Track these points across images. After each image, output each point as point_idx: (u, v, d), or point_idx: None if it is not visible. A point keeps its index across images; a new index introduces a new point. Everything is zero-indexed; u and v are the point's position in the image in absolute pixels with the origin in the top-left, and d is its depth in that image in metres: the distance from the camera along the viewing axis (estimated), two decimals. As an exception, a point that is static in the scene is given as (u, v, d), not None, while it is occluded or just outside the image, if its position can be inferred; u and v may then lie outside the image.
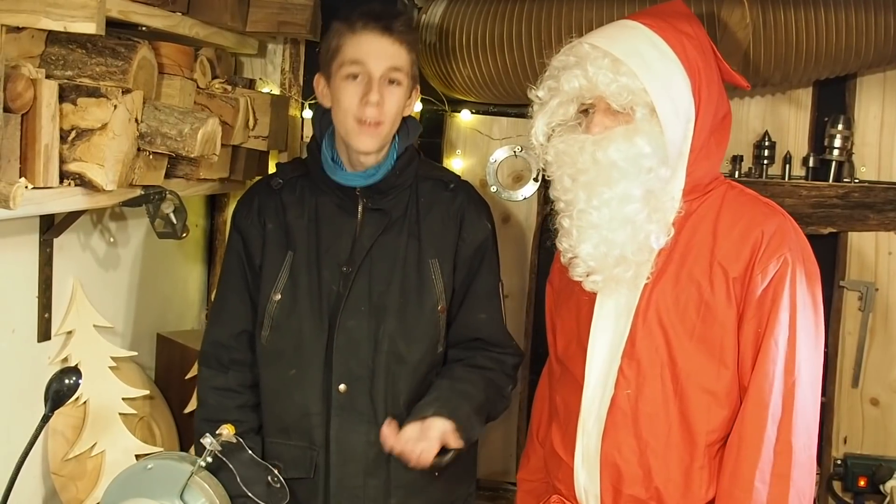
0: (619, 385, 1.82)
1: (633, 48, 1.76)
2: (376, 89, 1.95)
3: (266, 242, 2.07)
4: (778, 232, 1.78)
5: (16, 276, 1.95)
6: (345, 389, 2.00)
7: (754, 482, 1.73)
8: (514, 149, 2.74)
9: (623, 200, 1.75)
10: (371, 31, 1.95)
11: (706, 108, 1.80)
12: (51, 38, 1.82)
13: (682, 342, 1.80)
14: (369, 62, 1.95)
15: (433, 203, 2.08)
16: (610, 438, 1.83)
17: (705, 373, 1.79)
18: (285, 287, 2.03)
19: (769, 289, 1.76)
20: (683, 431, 1.80)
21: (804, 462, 1.76)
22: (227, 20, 2.32)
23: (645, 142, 1.74)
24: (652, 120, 1.75)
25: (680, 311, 1.80)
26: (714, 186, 1.87)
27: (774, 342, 1.75)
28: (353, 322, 2.00)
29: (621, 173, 1.74)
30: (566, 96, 1.79)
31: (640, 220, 1.77)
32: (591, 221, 1.77)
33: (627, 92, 1.73)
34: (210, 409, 2.07)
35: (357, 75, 1.96)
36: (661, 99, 1.74)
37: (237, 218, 2.13)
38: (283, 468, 2.01)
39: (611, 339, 1.84)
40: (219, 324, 2.11)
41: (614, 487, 1.84)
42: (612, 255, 1.77)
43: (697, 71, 1.78)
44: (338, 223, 2.05)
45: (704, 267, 1.80)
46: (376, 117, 1.96)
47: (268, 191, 2.12)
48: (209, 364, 2.10)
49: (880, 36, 2.35)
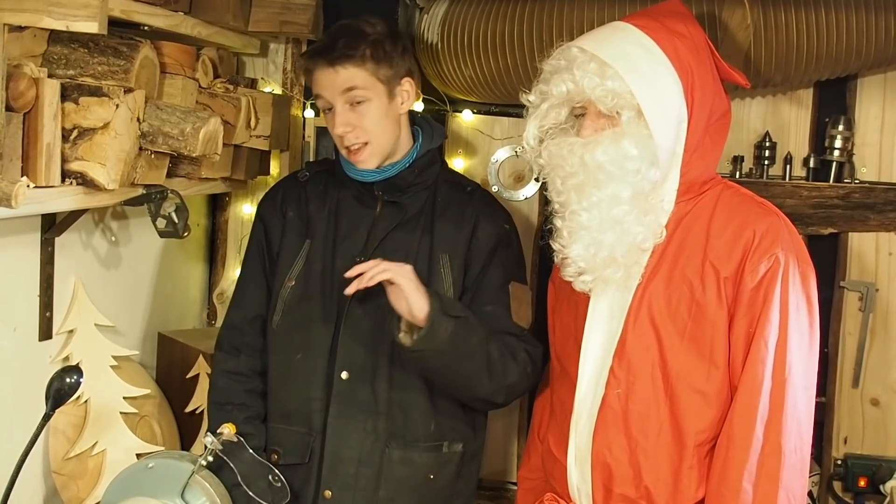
0: (610, 384, 1.83)
1: (621, 51, 1.76)
2: (338, 119, 2.02)
3: (285, 230, 2.12)
4: (770, 231, 1.78)
5: (17, 274, 1.95)
6: (347, 377, 2.02)
7: (742, 482, 1.73)
8: (515, 149, 2.74)
9: (611, 202, 1.76)
10: (318, 65, 2.03)
11: (700, 109, 1.80)
12: (53, 37, 1.82)
13: (674, 342, 1.80)
14: (325, 95, 2.03)
15: (450, 203, 2.11)
16: (601, 437, 1.83)
17: (695, 373, 1.80)
18: (300, 274, 2.08)
19: (760, 288, 1.76)
20: (673, 431, 1.81)
21: (794, 464, 1.76)
22: (229, 20, 2.32)
23: (632, 144, 1.75)
24: (639, 122, 1.75)
25: (672, 310, 1.80)
26: (710, 187, 1.87)
27: (764, 342, 1.75)
28: (360, 311, 2.02)
29: (608, 176, 1.76)
30: (556, 100, 1.81)
31: (628, 221, 1.78)
32: (581, 223, 1.79)
33: (613, 95, 1.74)
34: (219, 392, 2.12)
35: (327, 107, 2.04)
36: (648, 101, 1.74)
37: (262, 207, 2.21)
38: (282, 453, 2.05)
39: (603, 339, 1.85)
40: (236, 308, 2.17)
41: (605, 486, 1.84)
42: (601, 256, 1.79)
43: (689, 72, 1.78)
44: (356, 215, 2.10)
45: (696, 267, 1.80)
46: (355, 140, 2.02)
47: (293, 183, 2.19)
48: (222, 347, 2.15)
49: (881, 37, 2.35)
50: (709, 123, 1.82)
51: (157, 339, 2.55)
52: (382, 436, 2.02)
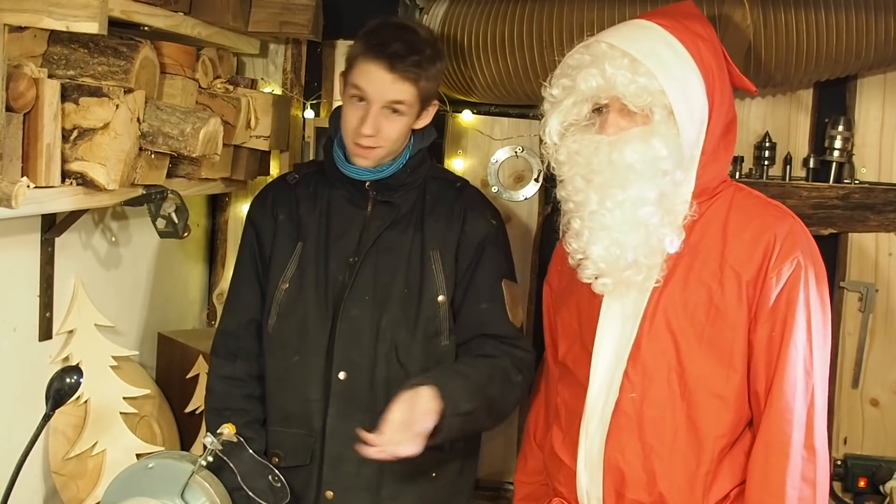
0: (624, 388, 1.80)
1: (651, 48, 1.74)
2: (371, 122, 1.97)
3: (277, 234, 2.11)
4: (790, 235, 1.77)
5: (17, 275, 1.95)
6: (345, 377, 2.02)
7: (786, 488, 1.71)
8: (515, 149, 2.74)
9: (637, 203, 1.74)
10: (376, 63, 1.95)
11: (718, 111, 1.78)
12: (53, 37, 1.82)
13: (692, 346, 1.78)
14: (370, 92, 1.97)
15: (439, 200, 2.11)
16: (614, 442, 1.81)
17: (714, 377, 1.78)
18: (293, 276, 2.07)
19: (784, 292, 1.75)
20: (690, 436, 1.79)
21: (824, 464, 1.76)
22: (229, 20, 2.32)
23: (662, 144, 1.72)
24: (668, 122, 1.73)
25: (689, 314, 1.78)
26: (721, 189, 1.86)
27: (794, 345, 1.74)
28: (356, 311, 2.03)
29: (637, 175, 1.72)
30: (581, 95, 1.77)
31: (653, 223, 1.75)
32: (603, 223, 1.76)
33: (646, 93, 1.72)
34: (217, 397, 2.11)
35: (361, 98, 1.99)
36: (678, 101, 1.72)
37: (252, 211, 2.19)
38: (283, 456, 2.05)
39: (616, 342, 1.83)
40: (229, 313, 2.16)
41: (617, 491, 1.82)
42: (625, 258, 1.76)
43: (711, 73, 1.77)
44: (347, 216, 2.09)
45: (714, 270, 1.78)
46: (371, 143, 2.00)
47: (283, 186, 2.17)
48: (217, 353, 2.14)
49: (880, 37, 2.35)
50: (724, 126, 1.81)
51: (156, 340, 2.55)
52: None
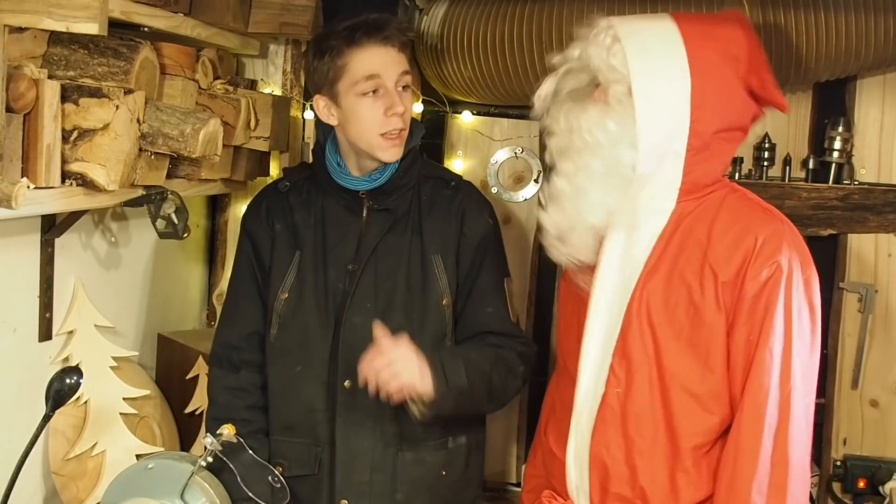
0: (610, 383, 1.82)
1: (638, 32, 1.78)
2: (399, 100, 1.97)
3: (275, 243, 2.10)
4: (773, 238, 1.75)
5: (17, 275, 1.95)
6: (350, 385, 2.01)
7: (751, 494, 1.71)
8: (514, 150, 2.75)
9: (584, 172, 1.79)
10: (376, 43, 1.96)
11: (711, 112, 1.77)
12: (53, 38, 1.82)
13: (670, 343, 1.79)
14: (384, 74, 1.96)
15: (435, 201, 2.10)
16: (599, 436, 1.82)
17: (689, 375, 1.78)
18: (292, 286, 2.06)
19: (761, 295, 1.73)
20: (668, 433, 1.79)
21: (800, 474, 1.75)
22: (229, 21, 2.32)
23: (612, 119, 1.76)
24: (628, 102, 1.76)
25: (669, 311, 1.79)
26: (715, 188, 1.85)
27: (769, 351, 1.73)
28: (358, 318, 2.01)
29: (584, 143, 1.78)
30: (571, 65, 1.84)
31: (592, 199, 1.79)
32: (558, 189, 1.82)
33: (611, 70, 1.77)
34: (220, 407, 2.10)
35: (376, 90, 1.97)
36: (641, 83, 1.75)
37: (247, 222, 2.16)
38: (288, 466, 2.04)
39: (603, 337, 1.83)
40: (230, 325, 2.14)
41: (602, 485, 1.83)
42: (564, 227, 1.82)
43: (706, 72, 1.76)
44: (343, 223, 2.07)
45: (696, 269, 1.78)
46: (403, 124, 1.99)
47: (275, 194, 2.15)
48: (220, 364, 2.12)
49: (880, 38, 2.35)
50: (720, 130, 1.80)
51: (156, 340, 2.55)
52: (393, 440, 2.03)
